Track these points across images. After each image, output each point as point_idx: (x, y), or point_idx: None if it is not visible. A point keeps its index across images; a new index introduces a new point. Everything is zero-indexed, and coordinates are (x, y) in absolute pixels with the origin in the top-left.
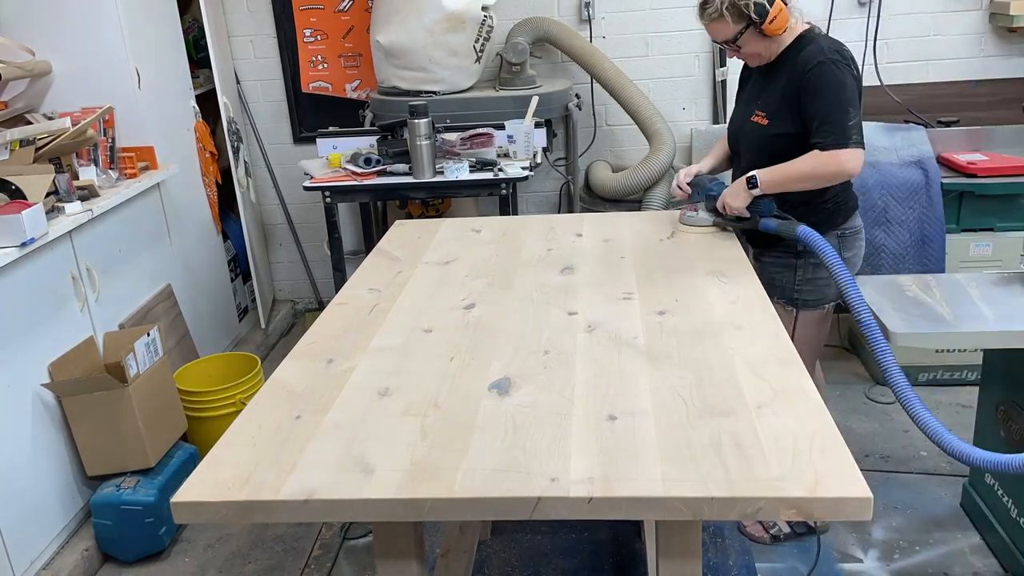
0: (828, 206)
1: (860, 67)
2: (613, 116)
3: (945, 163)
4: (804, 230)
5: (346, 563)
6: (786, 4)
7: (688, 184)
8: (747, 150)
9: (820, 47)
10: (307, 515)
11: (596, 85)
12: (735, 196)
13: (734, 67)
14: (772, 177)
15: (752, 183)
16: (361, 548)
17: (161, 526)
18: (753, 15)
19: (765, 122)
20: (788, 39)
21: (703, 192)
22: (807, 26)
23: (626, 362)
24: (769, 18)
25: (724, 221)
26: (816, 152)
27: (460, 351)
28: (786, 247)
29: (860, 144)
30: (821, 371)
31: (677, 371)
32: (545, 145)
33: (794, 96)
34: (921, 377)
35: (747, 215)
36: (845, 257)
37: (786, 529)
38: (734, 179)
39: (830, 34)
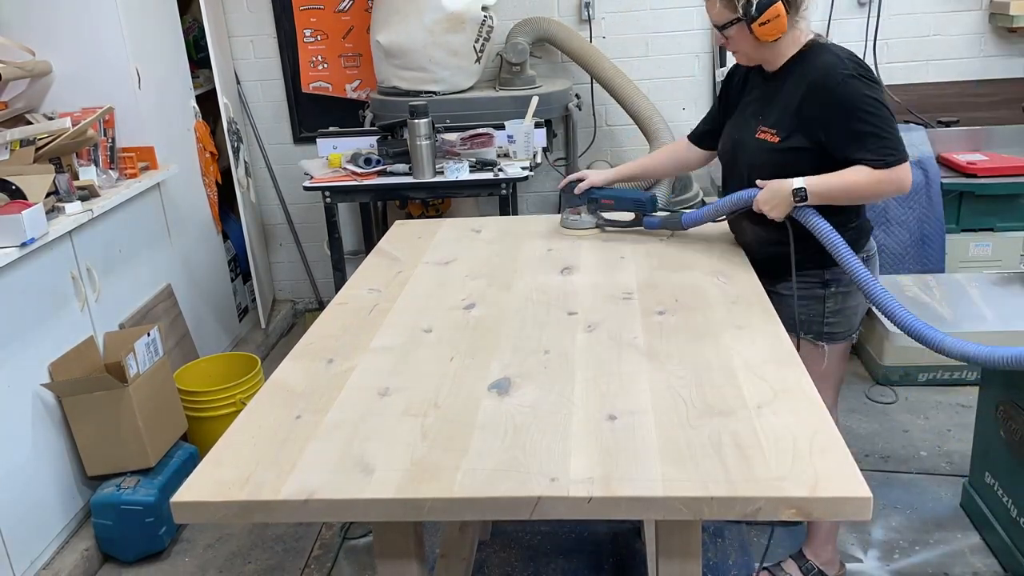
0: (853, 225)
1: None
2: (613, 116)
3: (945, 163)
4: (687, 217)
5: (346, 563)
6: (788, 12)
7: (575, 193)
8: (750, 167)
9: (839, 59)
10: (307, 515)
11: (596, 85)
12: (774, 206)
13: None
14: (822, 189)
15: (800, 195)
16: (361, 548)
17: (161, 526)
18: (740, 11)
19: (776, 139)
20: (790, 49)
21: (585, 195)
22: (813, 36)
23: (626, 362)
24: (760, 20)
25: (607, 223)
26: (869, 170)
27: (460, 351)
28: (810, 277)
29: (907, 156)
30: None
31: (677, 371)
32: (545, 145)
33: (814, 112)
34: (921, 377)
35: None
36: None
37: None
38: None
39: (830, 34)
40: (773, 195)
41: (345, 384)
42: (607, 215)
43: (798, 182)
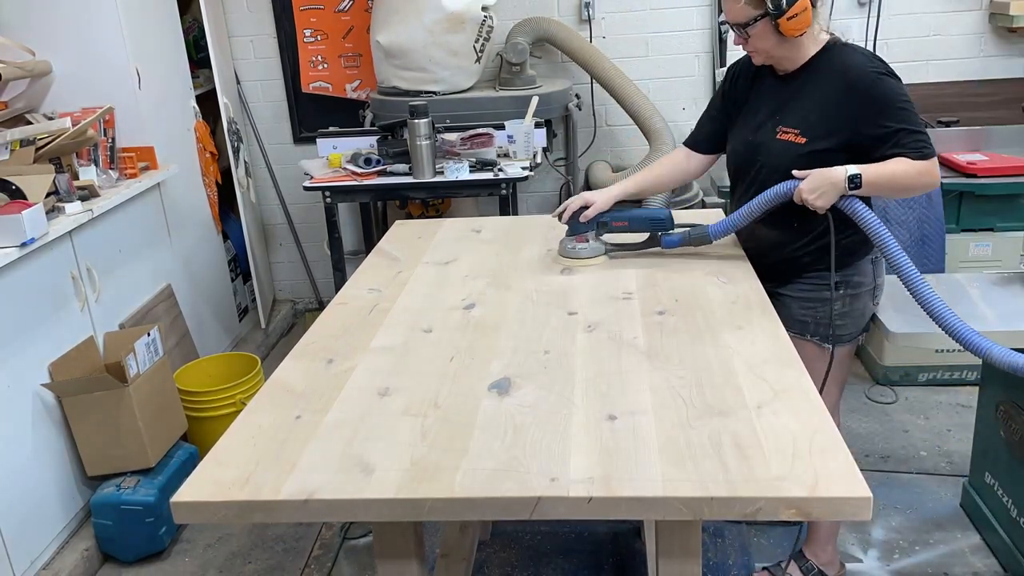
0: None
1: None
2: (613, 116)
3: (945, 163)
4: (715, 228)
5: (346, 563)
6: (814, 7)
7: (582, 220)
8: (772, 169)
9: (867, 58)
10: (307, 515)
11: (596, 85)
12: (820, 195)
13: None
14: (873, 177)
15: (856, 182)
16: (361, 548)
17: (161, 526)
18: (770, 5)
19: (802, 140)
20: (811, 48)
21: (593, 221)
22: (833, 34)
23: (626, 362)
24: (788, 14)
25: (615, 248)
26: (910, 161)
27: (460, 351)
28: (818, 279)
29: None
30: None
31: (677, 371)
32: (545, 145)
33: (844, 109)
34: (921, 377)
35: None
36: (877, 283)
37: None
38: (737, 206)
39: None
40: (821, 183)
41: (345, 384)
42: (613, 238)
43: (852, 169)
